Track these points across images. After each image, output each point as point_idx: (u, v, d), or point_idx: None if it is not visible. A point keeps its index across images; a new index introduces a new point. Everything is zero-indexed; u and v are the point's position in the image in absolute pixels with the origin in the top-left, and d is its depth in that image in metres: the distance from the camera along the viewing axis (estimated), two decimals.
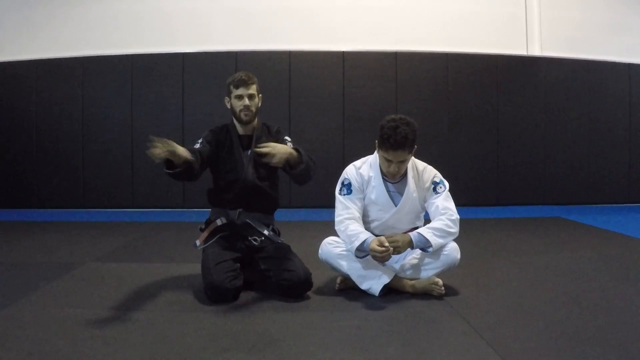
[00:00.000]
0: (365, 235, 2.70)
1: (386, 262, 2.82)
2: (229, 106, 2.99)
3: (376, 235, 2.73)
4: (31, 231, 5.17)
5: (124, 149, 6.89)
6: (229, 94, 2.96)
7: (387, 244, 2.62)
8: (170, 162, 2.58)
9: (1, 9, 7.09)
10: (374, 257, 2.66)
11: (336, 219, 2.82)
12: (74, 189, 6.90)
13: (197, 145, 2.91)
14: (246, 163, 2.96)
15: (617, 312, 2.50)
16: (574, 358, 1.94)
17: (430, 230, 2.71)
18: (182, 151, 2.56)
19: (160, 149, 2.48)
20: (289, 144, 2.91)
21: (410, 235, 2.71)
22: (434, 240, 2.68)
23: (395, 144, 2.62)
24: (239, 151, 2.97)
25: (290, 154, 2.72)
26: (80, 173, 6.90)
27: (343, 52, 7.01)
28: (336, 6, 7.24)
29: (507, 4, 7.43)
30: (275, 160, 2.67)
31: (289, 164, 2.76)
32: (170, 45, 6.97)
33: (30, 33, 7.08)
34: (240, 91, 2.91)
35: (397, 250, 2.67)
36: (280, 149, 2.70)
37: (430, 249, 2.71)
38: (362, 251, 2.70)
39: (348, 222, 2.76)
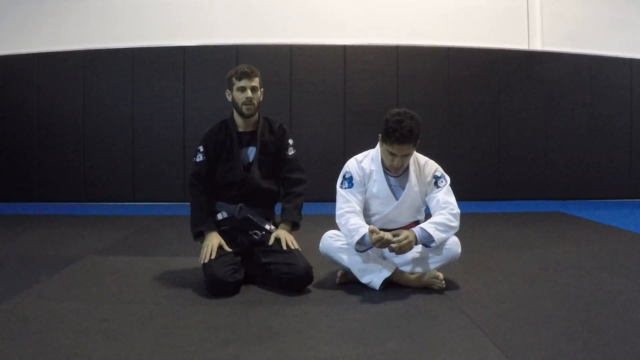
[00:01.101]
0: (365, 229, 2.69)
1: (386, 256, 2.82)
2: (230, 99, 2.97)
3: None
4: (31, 224, 5.17)
5: (125, 143, 6.88)
6: (230, 86, 2.94)
7: (378, 231, 2.63)
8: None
9: (2, 2, 7.07)
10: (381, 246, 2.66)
11: (337, 212, 2.82)
12: (74, 183, 6.90)
13: (200, 157, 2.96)
14: (250, 162, 2.95)
15: (617, 306, 2.50)
16: (574, 352, 1.94)
17: (432, 225, 2.70)
18: (222, 242, 2.83)
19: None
20: (290, 148, 3.03)
21: (414, 231, 2.70)
22: (437, 235, 2.68)
23: (401, 137, 2.61)
24: (238, 150, 2.95)
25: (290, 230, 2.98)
26: (80, 166, 6.90)
27: (344, 46, 6.99)
28: (338, 0, 7.21)
29: None
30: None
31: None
32: (172, 39, 6.96)
33: (32, 27, 7.06)
34: (243, 83, 2.89)
35: (409, 245, 2.64)
36: (285, 236, 2.88)
37: (433, 244, 2.70)
38: (362, 245, 2.70)
39: (349, 215, 2.76)
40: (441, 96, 7.06)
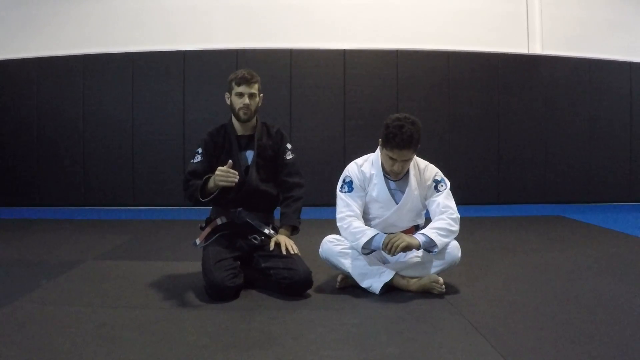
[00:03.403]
0: (371, 232, 2.71)
1: (387, 261, 2.82)
2: (228, 102, 2.98)
3: None
4: (32, 229, 5.18)
5: (125, 147, 6.89)
6: (230, 90, 2.95)
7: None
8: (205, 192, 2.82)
9: (2, 6, 7.09)
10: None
11: (338, 216, 2.82)
12: (74, 187, 6.91)
13: (198, 158, 2.95)
14: (249, 165, 2.95)
15: (617, 310, 2.49)
16: (574, 356, 1.93)
17: (434, 230, 2.70)
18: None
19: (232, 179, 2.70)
20: (288, 152, 3.03)
21: (416, 237, 2.69)
22: (439, 240, 2.67)
23: (402, 142, 2.61)
24: (237, 153, 2.96)
25: (290, 234, 2.98)
26: (81, 171, 6.91)
27: (344, 50, 7.00)
28: (337, 4, 7.24)
29: (508, 2, 7.42)
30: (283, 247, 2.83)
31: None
32: (171, 43, 6.98)
33: (32, 31, 7.08)
34: (242, 89, 2.90)
35: (398, 238, 2.64)
36: (285, 241, 2.85)
37: (435, 250, 2.70)
38: (367, 248, 2.71)
39: (350, 219, 2.76)
40: (441, 100, 7.07)
